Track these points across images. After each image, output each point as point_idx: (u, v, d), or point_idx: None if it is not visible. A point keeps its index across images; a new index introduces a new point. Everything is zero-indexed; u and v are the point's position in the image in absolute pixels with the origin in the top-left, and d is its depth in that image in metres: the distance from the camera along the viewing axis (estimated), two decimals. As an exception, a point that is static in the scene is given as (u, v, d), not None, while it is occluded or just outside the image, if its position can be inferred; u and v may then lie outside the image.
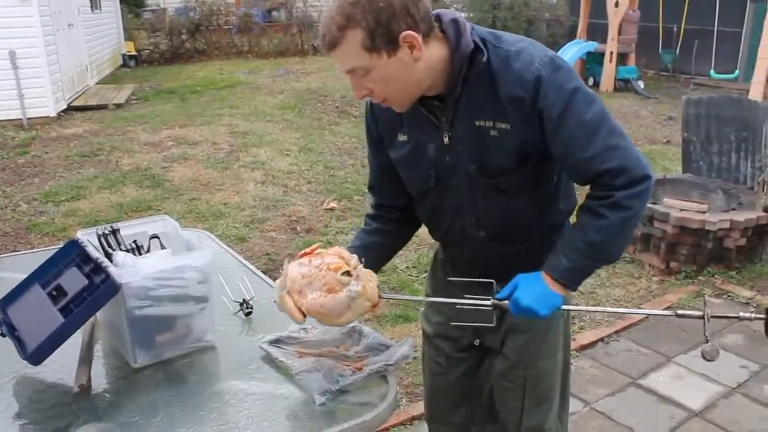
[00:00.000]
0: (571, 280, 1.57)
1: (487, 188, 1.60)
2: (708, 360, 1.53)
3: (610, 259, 1.62)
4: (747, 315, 1.48)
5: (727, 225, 4.24)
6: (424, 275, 3.95)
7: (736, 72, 11.04)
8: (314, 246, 1.63)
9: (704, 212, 4.33)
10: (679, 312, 1.57)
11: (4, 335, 1.64)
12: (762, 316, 1.46)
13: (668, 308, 1.32)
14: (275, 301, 1.62)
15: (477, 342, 1.90)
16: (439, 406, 2.10)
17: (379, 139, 1.73)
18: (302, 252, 1.62)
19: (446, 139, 1.58)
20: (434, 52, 1.47)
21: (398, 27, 1.38)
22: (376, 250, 1.78)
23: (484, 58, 1.48)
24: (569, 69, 1.50)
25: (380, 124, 1.70)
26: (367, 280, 1.53)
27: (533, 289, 1.55)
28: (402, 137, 1.66)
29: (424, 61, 1.45)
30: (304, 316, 1.55)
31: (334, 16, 1.40)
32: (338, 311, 1.53)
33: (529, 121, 1.48)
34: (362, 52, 1.40)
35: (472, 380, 1.96)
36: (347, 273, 1.53)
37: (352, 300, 1.51)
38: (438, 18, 1.50)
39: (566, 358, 1.94)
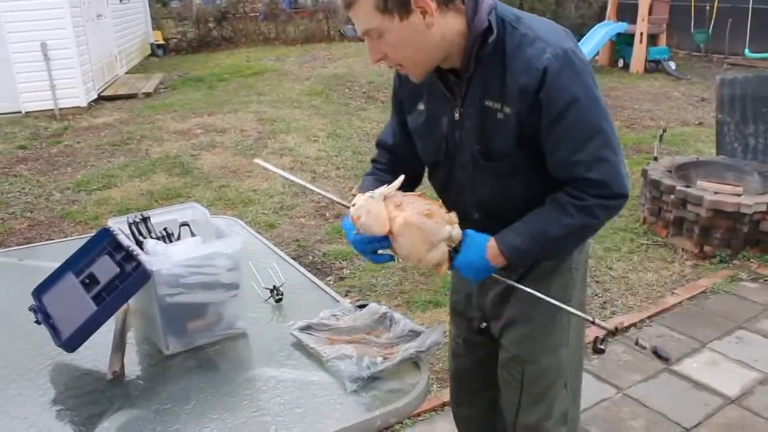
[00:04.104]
0: (515, 258, 1.59)
1: (487, 171, 1.60)
2: (596, 353, 1.61)
3: (554, 255, 1.68)
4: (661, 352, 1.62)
5: (763, 208, 4.15)
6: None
7: (772, 51, 10.77)
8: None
9: (739, 195, 4.24)
10: (597, 321, 1.62)
11: (39, 323, 1.67)
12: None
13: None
14: (349, 208, 1.58)
15: (483, 325, 1.91)
16: (462, 390, 2.14)
17: (401, 103, 1.76)
18: None
19: (457, 115, 1.60)
20: (451, 24, 1.47)
21: None
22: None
23: (492, 38, 1.47)
24: (582, 67, 1.47)
25: (405, 90, 1.72)
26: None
27: (473, 262, 1.58)
28: (420, 106, 1.68)
29: (438, 29, 1.45)
30: (391, 231, 1.52)
31: None
32: (432, 240, 1.51)
33: (531, 107, 1.48)
34: (375, 12, 1.42)
35: (492, 367, 1.95)
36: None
37: (446, 240, 1.52)
38: None
39: (578, 357, 1.89)
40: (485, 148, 1.57)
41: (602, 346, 1.60)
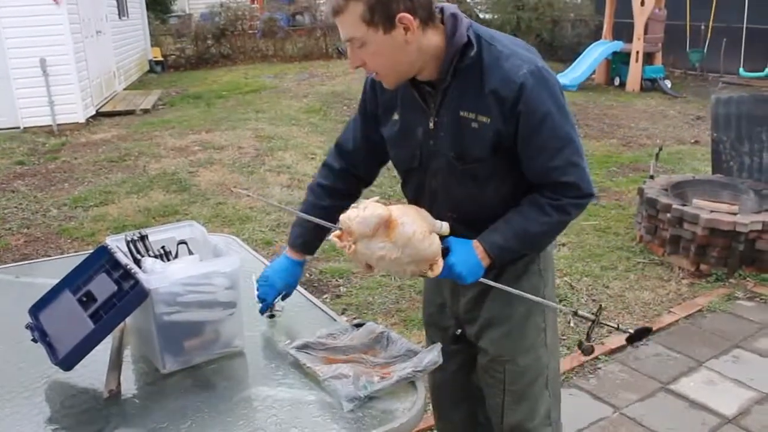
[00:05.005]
0: (499, 256, 1.67)
1: (462, 174, 1.68)
2: (584, 353, 1.76)
3: (534, 250, 1.80)
4: (624, 328, 1.75)
5: (759, 226, 4.16)
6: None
7: (767, 70, 10.85)
8: None
9: (735, 213, 4.25)
10: (579, 312, 1.77)
11: (35, 341, 1.66)
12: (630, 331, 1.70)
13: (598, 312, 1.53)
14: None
15: (459, 331, 1.96)
16: (442, 402, 2.19)
17: (372, 115, 1.82)
18: None
19: (431, 125, 1.67)
20: (430, 40, 1.56)
21: (397, 8, 1.48)
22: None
23: (473, 53, 1.57)
24: (554, 82, 1.60)
25: (379, 101, 1.79)
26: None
27: (468, 259, 1.65)
28: (395, 116, 1.75)
29: (417, 45, 1.54)
30: (393, 217, 1.55)
31: None
32: (429, 223, 1.59)
33: (507, 119, 1.58)
34: (361, 24, 1.50)
35: (469, 376, 2.01)
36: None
37: (438, 233, 1.59)
38: (441, 11, 1.59)
39: (557, 359, 1.95)
40: (460, 155, 1.65)
41: (589, 343, 1.73)
